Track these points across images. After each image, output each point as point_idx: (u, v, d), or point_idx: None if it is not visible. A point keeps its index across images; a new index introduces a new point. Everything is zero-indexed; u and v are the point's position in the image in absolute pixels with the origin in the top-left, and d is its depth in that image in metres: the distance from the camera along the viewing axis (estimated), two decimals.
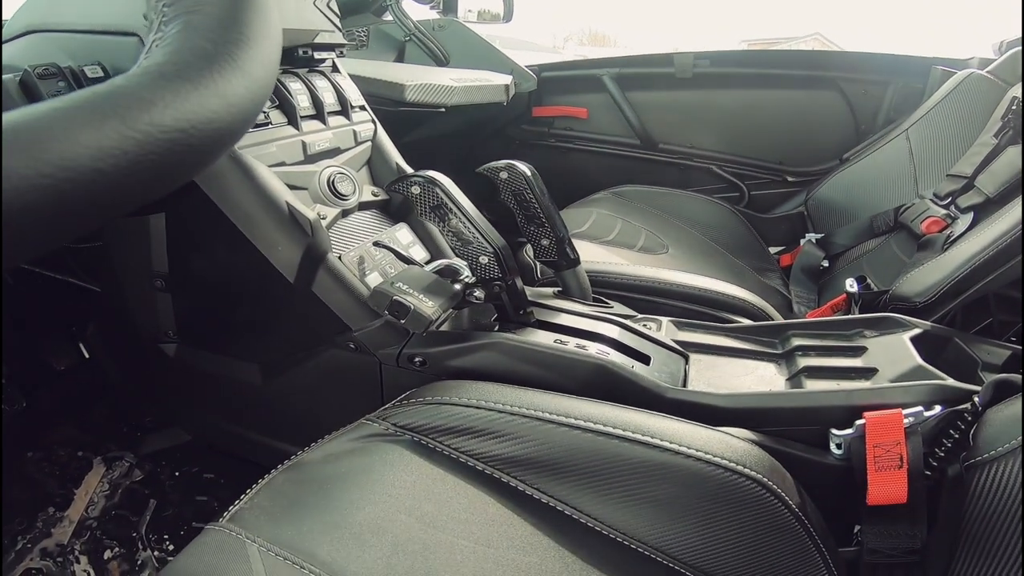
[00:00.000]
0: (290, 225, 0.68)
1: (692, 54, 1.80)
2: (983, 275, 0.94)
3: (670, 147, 1.90)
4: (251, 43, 0.32)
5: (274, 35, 0.35)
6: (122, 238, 0.92)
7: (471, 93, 1.44)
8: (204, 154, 0.30)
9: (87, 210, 0.25)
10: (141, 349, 1.02)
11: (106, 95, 0.26)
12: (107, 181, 0.25)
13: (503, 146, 2.07)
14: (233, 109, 0.31)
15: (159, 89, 0.28)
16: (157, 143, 0.27)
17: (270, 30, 0.35)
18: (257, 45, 0.33)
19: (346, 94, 0.83)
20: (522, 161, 0.76)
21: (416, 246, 0.78)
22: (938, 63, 1.60)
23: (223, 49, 0.31)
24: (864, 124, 1.72)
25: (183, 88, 0.28)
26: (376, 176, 0.85)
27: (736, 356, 0.71)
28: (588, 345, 0.63)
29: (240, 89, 0.31)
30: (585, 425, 0.52)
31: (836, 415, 0.57)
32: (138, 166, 0.26)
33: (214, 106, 0.29)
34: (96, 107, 0.25)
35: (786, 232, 1.65)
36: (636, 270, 1.00)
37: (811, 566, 0.51)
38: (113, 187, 0.26)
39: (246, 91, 0.31)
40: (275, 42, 0.35)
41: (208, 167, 0.32)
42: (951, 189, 1.21)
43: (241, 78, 0.31)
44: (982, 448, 0.50)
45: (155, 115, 0.27)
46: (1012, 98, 1.23)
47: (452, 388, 0.58)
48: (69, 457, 1.20)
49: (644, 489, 0.50)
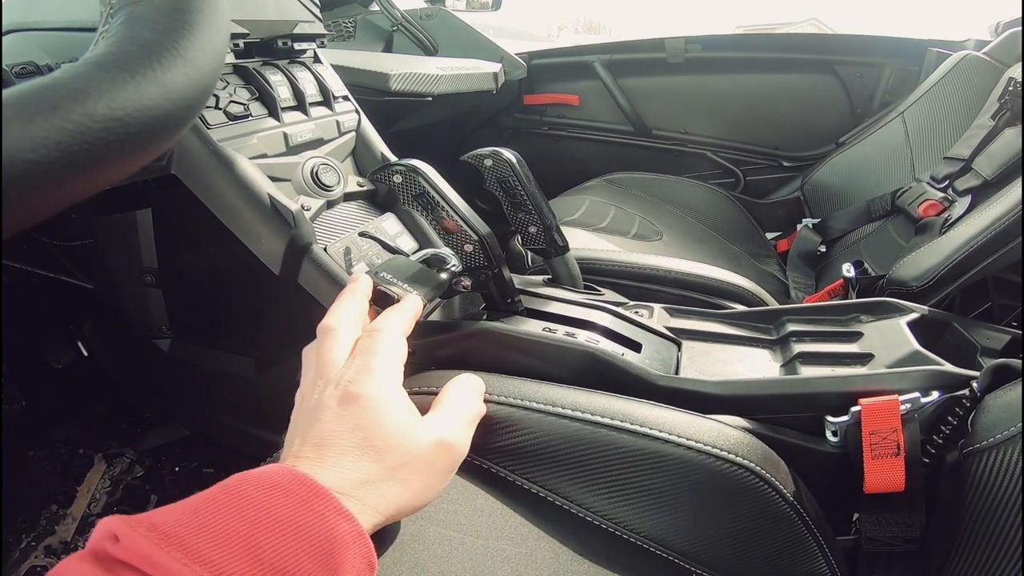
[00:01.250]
0: (272, 217, 0.66)
1: (683, 39, 1.79)
2: (981, 258, 0.93)
3: (664, 133, 1.89)
4: (194, 31, 0.32)
5: (219, 22, 0.35)
6: (111, 235, 0.92)
7: (458, 81, 1.42)
8: (145, 142, 0.30)
9: (24, 200, 0.25)
10: (137, 345, 1.01)
11: (41, 88, 0.27)
12: (41, 171, 0.25)
13: (495, 135, 2.07)
14: (173, 96, 0.31)
15: (94, 79, 0.28)
16: (90, 132, 0.27)
17: (215, 17, 0.34)
18: (200, 33, 0.33)
19: (328, 84, 0.82)
20: (508, 148, 0.74)
21: (403, 236, 0.76)
22: (934, 45, 1.59)
23: (164, 37, 0.31)
24: (860, 107, 1.71)
25: (120, 77, 0.28)
26: (361, 166, 0.83)
27: (729, 343, 0.70)
28: (577, 333, 0.62)
29: (181, 77, 0.31)
30: (573, 414, 0.51)
31: (831, 402, 0.56)
32: (74, 156, 0.26)
33: (152, 94, 0.29)
34: (29, 99, 0.26)
35: (782, 217, 1.64)
36: (628, 257, 0.99)
37: (808, 555, 0.50)
38: (50, 177, 0.26)
39: (186, 78, 0.31)
40: (220, 30, 0.35)
41: (155, 155, 0.32)
42: (948, 172, 1.20)
43: (182, 66, 0.31)
44: (981, 435, 0.49)
45: (88, 105, 0.27)
46: (1009, 79, 1.21)
47: (439, 378, 0.57)
48: (70, 455, 1.21)
49: (635, 479, 0.49)
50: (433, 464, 0.39)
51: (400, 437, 0.38)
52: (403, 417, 0.39)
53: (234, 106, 0.69)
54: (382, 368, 0.40)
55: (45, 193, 0.26)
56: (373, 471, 0.36)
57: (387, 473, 0.37)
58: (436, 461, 0.39)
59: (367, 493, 0.36)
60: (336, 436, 0.37)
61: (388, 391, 0.39)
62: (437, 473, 0.40)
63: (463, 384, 0.48)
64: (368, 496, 0.36)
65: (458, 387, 0.47)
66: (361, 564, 0.32)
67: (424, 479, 0.39)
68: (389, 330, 0.43)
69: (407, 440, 0.38)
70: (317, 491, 0.33)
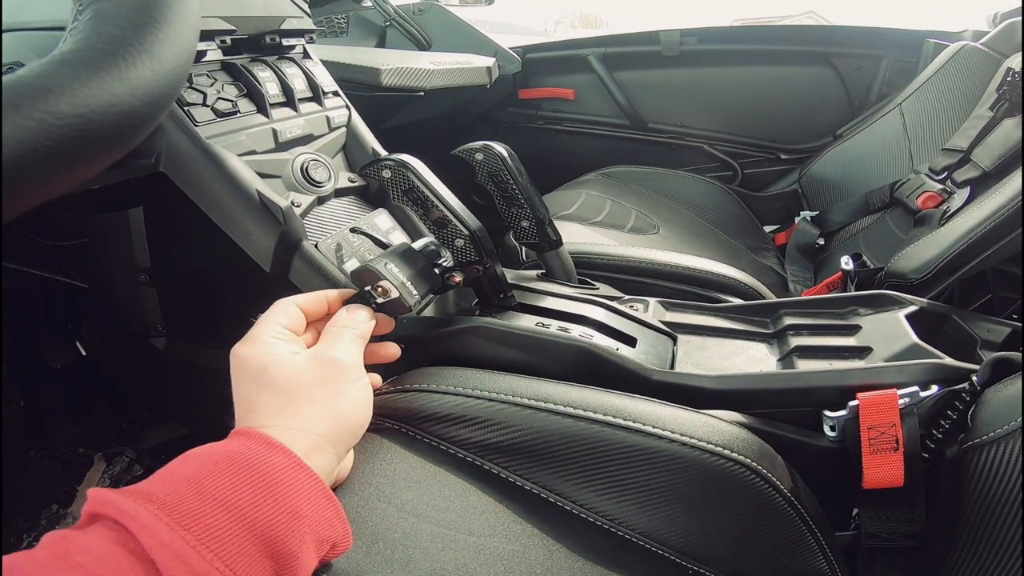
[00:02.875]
0: (262, 214, 0.66)
1: (678, 31, 1.78)
2: (981, 250, 0.92)
3: (660, 127, 1.89)
4: (161, 27, 0.32)
5: (188, 19, 0.35)
6: (104, 234, 0.91)
7: (451, 76, 1.41)
8: (111, 139, 0.30)
9: None
10: (134, 344, 1.01)
11: (5, 86, 0.26)
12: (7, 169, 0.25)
13: (490, 129, 2.06)
14: (139, 92, 0.31)
15: (56, 76, 0.28)
16: (52, 129, 0.27)
17: (183, 13, 0.34)
18: (167, 28, 0.33)
19: (318, 80, 0.81)
20: (502, 143, 0.73)
21: (395, 231, 0.76)
22: (931, 36, 1.58)
23: (129, 33, 0.31)
24: (857, 99, 1.71)
25: (83, 74, 0.28)
26: (352, 162, 0.83)
27: (726, 336, 0.70)
28: (571, 328, 0.62)
29: (147, 73, 0.31)
30: (566, 410, 0.50)
31: (829, 396, 0.55)
32: (35, 153, 0.26)
33: (116, 90, 0.29)
34: None
35: (780, 210, 1.63)
36: (624, 250, 0.98)
37: (806, 552, 0.49)
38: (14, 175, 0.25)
39: (153, 74, 0.31)
40: (188, 25, 0.35)
41: (123, 152, 0.32)
42: (947, 163, 1.20)
43: (148, 61, 0.31)
44: (981, 429, 0.49)
45: (50, 102, 0.27)
46: (1007, 69, 1.21)
47: (432, 375, 0.56)
48: (70, 454, 1.21)
49: (629, 475, 0.49)
50: (325, 378, 0.44)
51: (283, 367, 0.43)
52: (285, 355, 0.44)
53: (222, 103, 0.69)
54: (263, 327, 0.47)
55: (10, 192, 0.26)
56: (277, 401, 0.42)
57: (288, 397, 0.42)
58: (327, 375, 0.44)
59: (282, 419, 0.41)
60: (242, 388, 0.44)
61: (265, 343, 0.45)
62: (336, 385, 0.44)
63: (347, 310, 0.51)
64: (285, 420, 0.41)
65: (342, 313, 0.50)
66: (302, 481, 0.37)
67: (325, 393, 0.44)
68: (279, 302, 0.49)
69: (292, 367, 0.44)
70: (240, 432, 0.39)
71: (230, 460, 0.36)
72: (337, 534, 0.38)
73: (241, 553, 0.32)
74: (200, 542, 0.31)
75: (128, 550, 0.30)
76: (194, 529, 0.31)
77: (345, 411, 0.44)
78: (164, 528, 0.30)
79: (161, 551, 0.30)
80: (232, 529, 0.32)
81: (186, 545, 0.30)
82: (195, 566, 0.30)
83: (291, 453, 0.38)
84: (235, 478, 0.35)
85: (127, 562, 0.30)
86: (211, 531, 0.32)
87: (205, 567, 0.30)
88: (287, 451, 0.38)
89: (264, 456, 0.37)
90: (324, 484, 0.39)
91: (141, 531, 0.30)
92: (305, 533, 0.36)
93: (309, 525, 0.36)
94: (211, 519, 0.32)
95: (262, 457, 0.37)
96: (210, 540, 0.31)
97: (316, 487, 0.38)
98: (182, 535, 0.31)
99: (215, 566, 0.31)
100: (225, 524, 0.32)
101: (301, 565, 0.35)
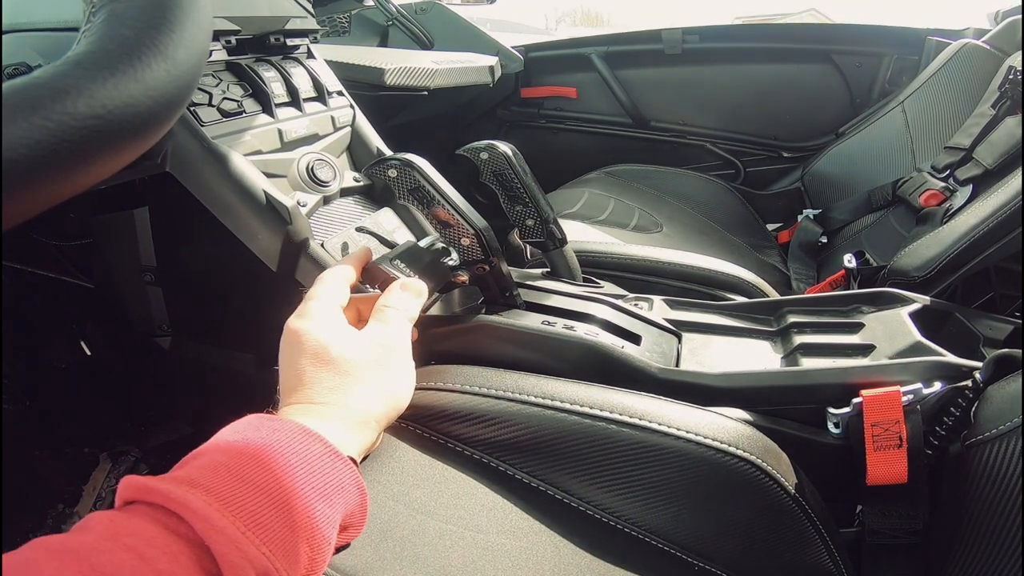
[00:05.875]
0: (268, 213, 0.66)
1: (680, 29, 1.78)
2: (983, 248, 0.92)
3: (662, 125, 1.89)
4: (174, 27, 0.33)
5: (201, 19, 0.35)
6: (110, 234, 0.92)
7: (454, 75, 1.41)
8: (127, 140, 0.30)
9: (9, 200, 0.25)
10: (139, 344, 1.01)
11: (21, 87, 0.27)
12: (23, 171, 0.26)
13: (493, 128, 2.06)
14: (154, 93, 0.31)
15: (73, 78, 0.28)
16: (71, 130, 0.27)
17: (196, 15, 0.35)
18: (180, 29, 0.33)
19: (322, 80, 0.81)
20: (505, 141, 0.74)
21: (400, 230, 0.76)
22: (933, 34, 1.58)
23: (144, 35, 0.31)
24: (859, 97, 1.71)
25: (99, 76, 0.29)
26: (357, 161, 0.83)
27: (730, 334, 0.70)
28: (576, 326, 0.62)
29: (161, 74, 0.31)
30: (573, 408, 0.50)
31: (833, 393, 0.55)
32: (54, 155, 0.26)
33: (132, 91, 0.30)
34: (9, 99, 0.26)
35: (783, 208, 1.63)
36: (628, 249, 0.98)
37: (811, 548, 0.50)
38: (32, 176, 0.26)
39: (167, 75, 0.32)
40: (201, 26, 0.35)
41: (138, 152, 0.32)
42: (949, 161, 1.20)
43: (162, 62, 0.31)
44: (983, 426, 0.49)
45: (68, 104, 0.27)
46: (1009, 67, 1.21)
47: (439, 373, 0.56)
48: (75, 454, 1.20)
49: (635, 472, 0.49)
50: (380, 361, 0.46)
51: (342, 347, 0.45)
52: (344, 334, 0.46)
53: (227, 103, 0.69)
54: (319, 303, 0.48)
55: (29, 192, 0.26)
56: (334, 379, 0.44)
57: (344, 377, 0.44)
58: (381, 358, 0.47)
59: (337, 396, 0.43)
60: (296, 363, 0.45)
61: (324, 320, 0.47)
62: (389, 369, 0.47)
63: (399, 291, 0.52)
64: (339, 398, 0.43)
65: (394, 294, 0.52)
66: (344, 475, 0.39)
67: (379, 375, 0.46)
68: (329, 276, 0.51)
69: (351, 347, 0.46)
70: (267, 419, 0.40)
71: (268, 448, 0.37)
72: (355, 520, 0.40)
73: (282, 539, 0.33)
74: (248, 528, 0.32)
75: (177, 535, 0.31)
76: (241, 515, 0.32)
77: (395, 392, 0.47)
78: (216, 514, 0.31)
79: (215, 536, 0.31)
80: (273, 516, 0.34)
81: (237, 531, 0.31)
82: (247, 552, 0.31)
83: (327, 442, 0.39)
84: (273, 465, 0.36)
85: (175, 545, 0.30)
86: (255, 517, 0.33)
87: (254, 552, 0.31)
88: (323, 440, 0.39)
89: (303, 445, 0.38)
90: (358, 474, 0.40)
91: (194, 517, 0.31)
92: (336, 521, 0.37)
93: (340, 513, 0.38)
94: (255, 505, 0.33)
95: (301, 445, 0.38)
96: (255, 526, 0.32)
97: (351, 477, 0.39)
98: (232, 521, 0.32)
99: (262, 551, 0.32)
100: (267, 511, 0.33)
101: (330, 551, 0.37)
